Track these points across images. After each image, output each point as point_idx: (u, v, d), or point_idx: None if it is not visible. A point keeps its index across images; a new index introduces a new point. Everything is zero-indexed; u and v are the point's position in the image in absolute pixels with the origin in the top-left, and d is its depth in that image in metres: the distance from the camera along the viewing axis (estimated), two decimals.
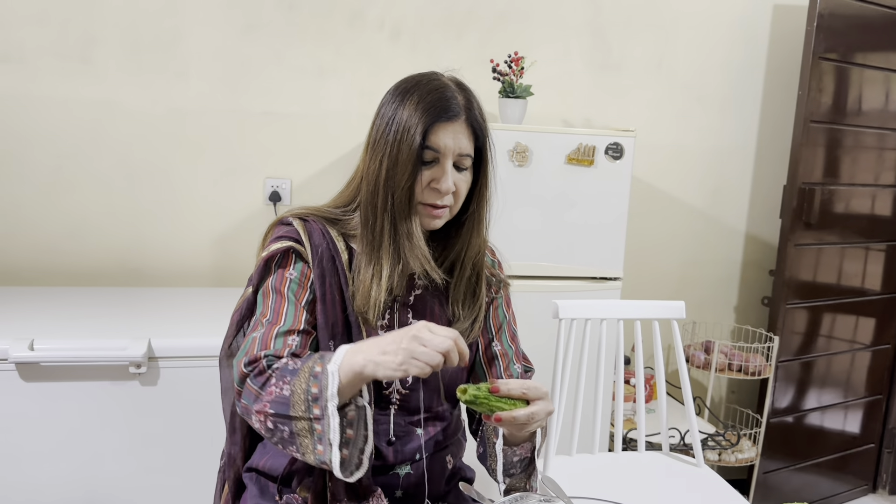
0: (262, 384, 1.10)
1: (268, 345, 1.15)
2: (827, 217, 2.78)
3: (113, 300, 2.16)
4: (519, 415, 1.07)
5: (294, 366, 1.09)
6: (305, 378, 1.05)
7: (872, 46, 2.77)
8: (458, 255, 1.27)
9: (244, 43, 2.43)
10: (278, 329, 1.16)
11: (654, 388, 2.77)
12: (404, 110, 1.17)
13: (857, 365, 3.02)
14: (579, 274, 2.35)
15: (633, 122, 2.78)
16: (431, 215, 1.20)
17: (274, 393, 1.07)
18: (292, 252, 1.23)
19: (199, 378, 1.81)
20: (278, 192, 2.51)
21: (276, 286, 1.21)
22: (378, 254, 1.20)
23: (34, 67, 2.30)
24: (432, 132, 1.16)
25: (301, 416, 1.04)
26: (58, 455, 1.76)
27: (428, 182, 1.18)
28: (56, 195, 2.37)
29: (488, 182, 1.26)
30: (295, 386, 1.06)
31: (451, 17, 2.58)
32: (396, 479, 1.25)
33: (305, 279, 1.22)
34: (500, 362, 1.35)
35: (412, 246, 1.19)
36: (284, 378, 1.08)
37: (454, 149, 1.18)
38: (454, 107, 1.18)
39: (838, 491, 3.10)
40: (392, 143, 1.17)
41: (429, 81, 1.21)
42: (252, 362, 1.13)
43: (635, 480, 1.85)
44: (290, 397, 1.05)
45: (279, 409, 1.06)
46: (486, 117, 1.25)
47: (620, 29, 2.75)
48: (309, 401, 1.04)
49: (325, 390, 1.03)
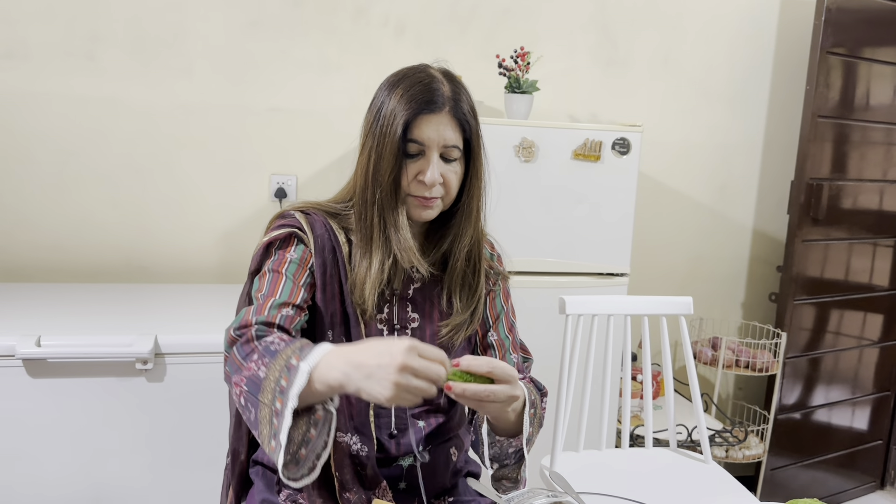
0: (245, 355, 1.08)
1: (261, 312, 1.13)
2: (835, 213, 2.77)
3: (119, 297, 2.16)
4: (471, 388, 1.03)
5: (276, 346, 1.06)
6: (280, 366, 1.01)
7: (880, 41, 2.75)
8: (451, 247, 1.26)
9: (249, 39, 2.43)
10: (273, 301, 1.15)
11: (661, 385, 2.76)
12: (390, 103, 1.17)
13: (865, 361, 3.01)
14: (586, 270, 2.34)
15: (639, 117, 2.77)
16: (422, 205, 1.20)
17: (252, 370, 1.05)
18: (294, 237, 1.23)
19: (206, 374, 1.80)
20: (284, 188, 2.50)
21: (275, 267, 1.20)
22: (369, 246, 1.20)
23: (39, 64, 2.30)
24: (415, 125, 1.16)
25: (267, 403, 1.01)
26: (65, 451, 1.76)
27: (414, 175, 1.18)
28: (61, 192, 2.37)
29: (479, 173, 1.24)
30: (269, 371, 1.02)
31: (456, 13, 2.58)
32: (400, 471, 1.25)
33: (305, 262, 1.21)
34: (496, 352, 1.34)
35: (399, 238, 1.19)
36: (264, 358, 1.05)
37: (438, 141, 1.17)
38: (438, 98, 1.17)
39: (846, 487, 3.08)
40: (378, 136, 1.17)
41: (416, 73, 1.20)
42: (242, 327, 1.11)
43: (643, 476, 1.85)
44: (262, 380, 1.02)
45: (251, 389, 1.04)
46: (479, 107, 1.24)
47: (626, 24, 2.74)
48: (276, 391, 1.00)
49: (290, 388, 0.98)
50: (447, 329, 1.27)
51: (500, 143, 2.20)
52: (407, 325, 1.27)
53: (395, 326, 1.26)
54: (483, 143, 1.24)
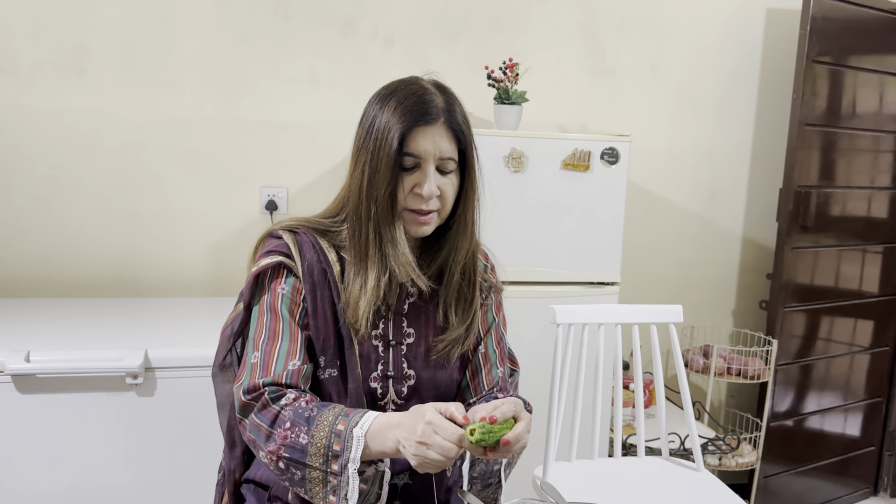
0: (271, 422, 1.11)
1: (268, 370, 1.15)
2: (823, 220, 2.78)
3: (109, 311, 2.16)
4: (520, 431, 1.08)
5: (309, 413, 1.10)
6: (326, 434, 1.08)
7: (865, 49, 2.78)
8: (446, 260, 1.25)
9: (238, 52, 2.44)
10: (277, 350, 1.16)
11: (653, 393, 2.77)
12: (383, 117, 1.16)
13: (857, 367, 3.02)
14: (576, 279, 2.34)
15: (628, 127, 2.78)
16: (418, 222, 1.19)
17: (289, 438, 1.09)
18: (283, 267, 1.22)
19: (197, 388, 1.79)
20: (275, 200, 2.51)
21: (271, 304, 1.20)
22: (364, 263, 1.19)
23: (29, 79, 2.30)
24: (411, 138, 1.15)
25: (317, 467, 1.08)
26: (54, 467, 1.75)
27: (411, 188, 1.17)
28: (51, 206, 2.36)
29: (474, 184, 1.24)
30: (314, 437, 1.08)
31: (445, 25, 2.59)
32: (395, 490, 1.24)
33: (297, 293, 1.21)
34: (481, 366, 1.33)
35: (397, 254, 1.18)
36: (300, 425, 1.09)
37: (434, 153, 1.16)
38: (432, 110, 1.16)
39: (839, 494, 3.09)
40: (372, 150, 1.16)
41: (407, 86, 1.19)
42: (252, 391, 1.13)
43: (635, 486, 1.84)
44: (307, 447, 1.08)
45: (294, 455, 1.09)
46: (469, 119, 1.24)
47: (614, 34, 2.75)
48: (328, 456, 1.07)
49: (347, 451, 1.07)
50: (443, 344, 1.26)
51: (489, 153, 2.21)
52: (402, 340, 1.26)
53: (391, 342, 1.25)
54: (477, 153, 1.24)
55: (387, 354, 1.24)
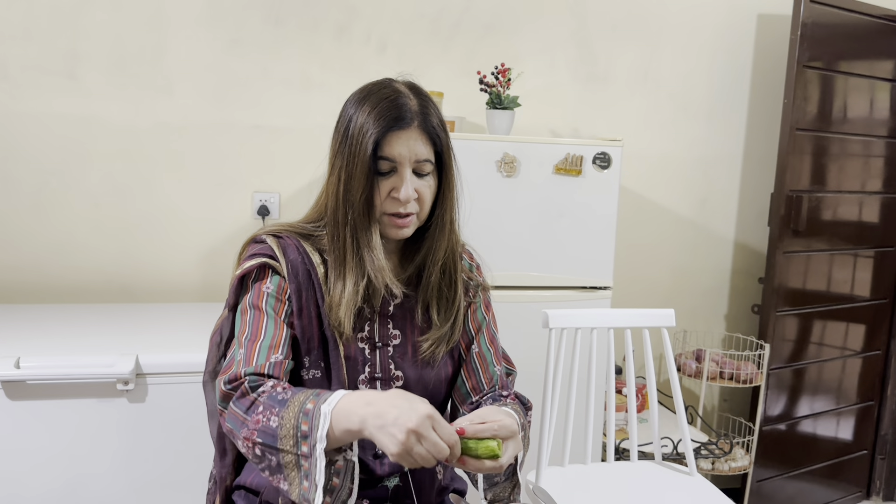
0: (246, 408, 1.09)
1: (250, 360, 1.14)
2: (815, 224, 2.79)
3: (100, 317, 2.14)
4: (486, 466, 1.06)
5: (283, 396, 1.08)
6: (295, 413, 1.05)
7: (856, 54, 2.80)
8: (424, 261, 1.26)
9: (230, 57, 2.43)
10: (260, 344, 1.16)
11: (645, 398, 2.77)
12: (357, 121, 1.16)
13: (849, 371, 3.03)
14: (569, 284, 2.34)
15: (620, 132, 2.79)
16: (397, 225, 1.20)
17: (261, 422, 1.07)
18: (267, 268, 1.22)
19: (188, 394, 1.79)
20: (267, 206, 2.50)
21: (254, 302, 1.20)
22: (343, 268, 1.19)
23: (18, 83, 2.29)
24: (385, 142, 1.15)
25: (289, 449, 1.04)
26: (45, 473, 1.74)
27: (388, 192, 1.17)
28: (42, 211, 2.35)
29: (452, 185, 1.24)
30: (284, 419, 1.05)
31: (438, 30, 2.59)
32: (385, 492, 1.24)
33: (282, 293, 1.21)
34: (477, 366, 1.33)
35: (373, 258, 1.18)
36: (272, 408, 1.07)
37: (410, 156, 1.16)
38: (406, 114, 1.16)
39: (832, 498, 3.09)
40: (347, 156, 1.16)
41: (381, 89, 1.19)
42: (233, 380, 1.12)
43: (628, 490, 1.84)
44: (277, 430, 1.05)
45: (266, 440, 1.06)
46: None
47: (606, 40, 2.76)
48: (298, 437, 1.04)
49: (314, 430, 1.02)
50: (427, 343, 1.26)
51: (481, 158, 2.21)
52: (388, 342, 1.26)
53: (377, 344, 1.25)
54: (454, 154, 1.24)
55: (373, 356, 1.24)
